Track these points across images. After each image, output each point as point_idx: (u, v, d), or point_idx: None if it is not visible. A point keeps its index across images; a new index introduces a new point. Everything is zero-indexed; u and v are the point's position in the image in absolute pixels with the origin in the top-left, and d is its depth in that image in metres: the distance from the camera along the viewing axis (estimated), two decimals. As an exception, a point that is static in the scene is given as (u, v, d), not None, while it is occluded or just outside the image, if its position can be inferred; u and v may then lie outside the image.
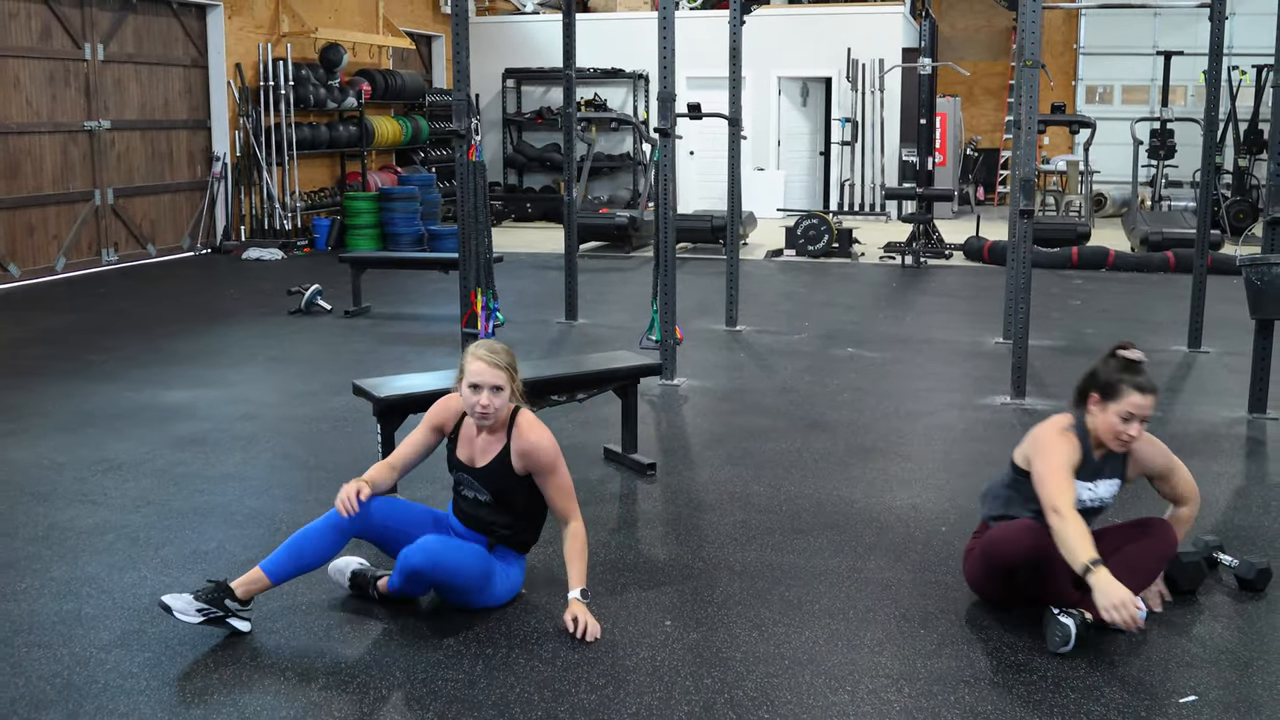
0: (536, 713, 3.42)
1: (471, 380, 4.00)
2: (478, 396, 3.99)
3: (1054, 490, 3.89)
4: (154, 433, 6.38)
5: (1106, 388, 4.01)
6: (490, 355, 4.01)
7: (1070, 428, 4.06)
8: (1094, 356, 4.24)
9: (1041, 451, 4.02)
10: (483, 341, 4.14)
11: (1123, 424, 3.96)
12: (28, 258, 11.73)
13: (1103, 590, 3.64)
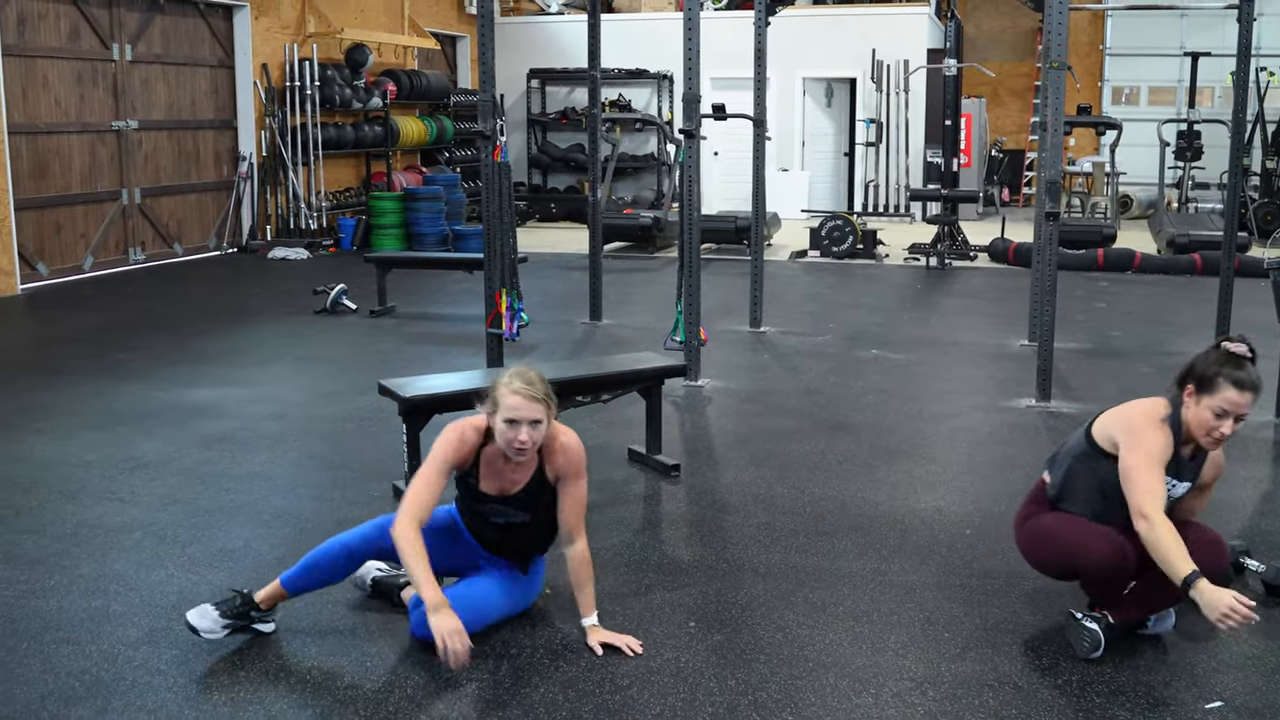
0: (561, 713, 3.43)
1: (509, 416, 3.71)
2: (515, 433, 3.71)
3: (1144, 492, 3.66)
4: (181, 431, 6.42)
5: (1203, 380, 3.73)
6: (528, 388, 3.72)
7: (1166, 418, 3.79)
8: (1120, 359, 4.19)
9: (1135, 441, 3.74)
10: (515, 371, 3.81)
11: (1215, 420, 3.70)
12: (55, 256, 11.82)
13: (1210, 603, 3.47)
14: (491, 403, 3.77)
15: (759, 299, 9.33)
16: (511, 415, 3.70)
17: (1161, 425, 3.77)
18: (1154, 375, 7.87)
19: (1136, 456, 3.71)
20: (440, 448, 3.84)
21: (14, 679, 3.66)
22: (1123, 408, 3.91)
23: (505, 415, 3.71)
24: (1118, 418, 3.87)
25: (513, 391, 3.70)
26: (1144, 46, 20.85)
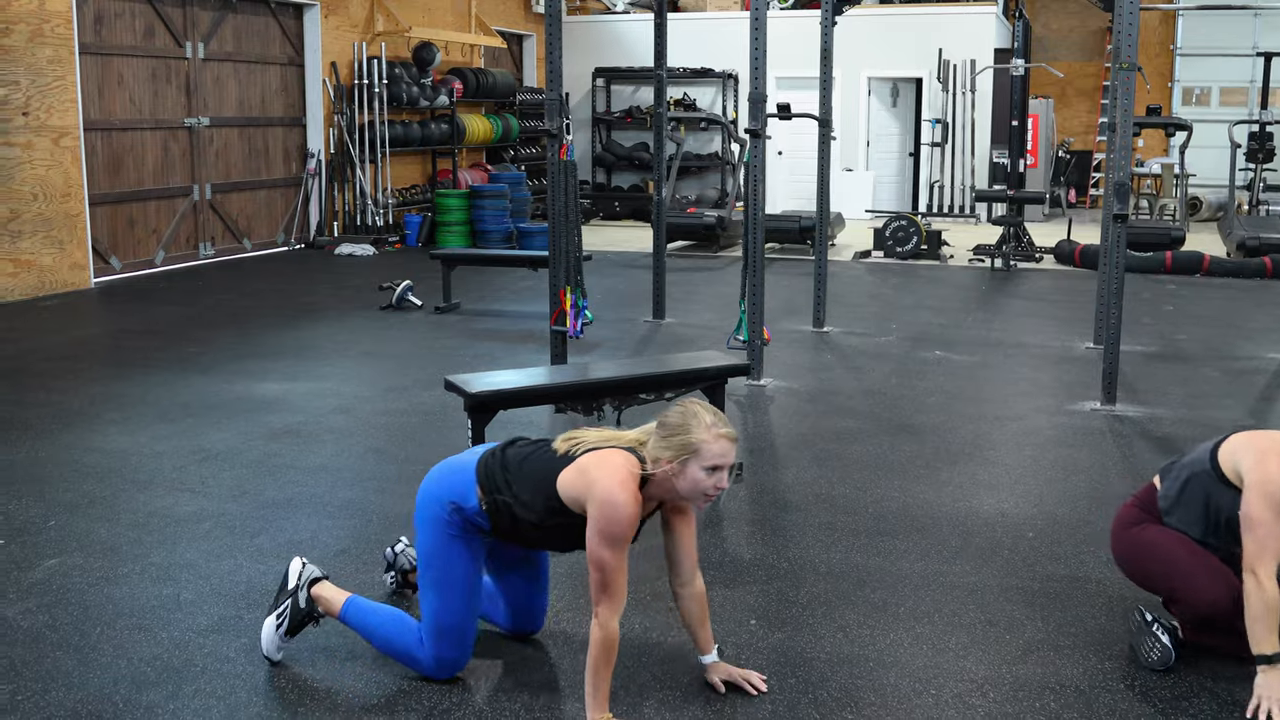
0: (621, 707, 3.46)
1: (716, 463, 3.32)
2: (715, 479, 3.34)
3: (1260, 549, 3.45)
4: (249, 424, 6.53)
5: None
6: (730, 430, 3.37)
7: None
8: (1187, 363, 4.14)
9: (1263, 489, 3.47)
10: (703, 407, 3.40)
11: None
12: (128, 250, 12.03)
13: (1268, 685, 3.43)
14: (681, 449, 3.31)
15: (822, 299, 9.32)
16: (719, 462, 3.32)
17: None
18: (1222, 380, 7.79)
19: (1263, 510, 3.46)
20: (622, 526, 3.28)
21: (88, 664, 3.75)
22: (1257, 439, 3.65)
23: (710, 462, 3.30)
24: (1249, 452, 3.59)
25: (719, 436, 3.32)
26: (1216, 46, 20.57)
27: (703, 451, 3.30)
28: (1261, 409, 7.11)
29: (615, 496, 3.28)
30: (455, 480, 3.61)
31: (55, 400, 7.02)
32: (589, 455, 3.45)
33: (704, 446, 3.30)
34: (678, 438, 3.32)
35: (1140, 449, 6.21)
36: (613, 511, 3.28)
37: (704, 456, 3.30)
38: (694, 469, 3.31)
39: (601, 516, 3.29)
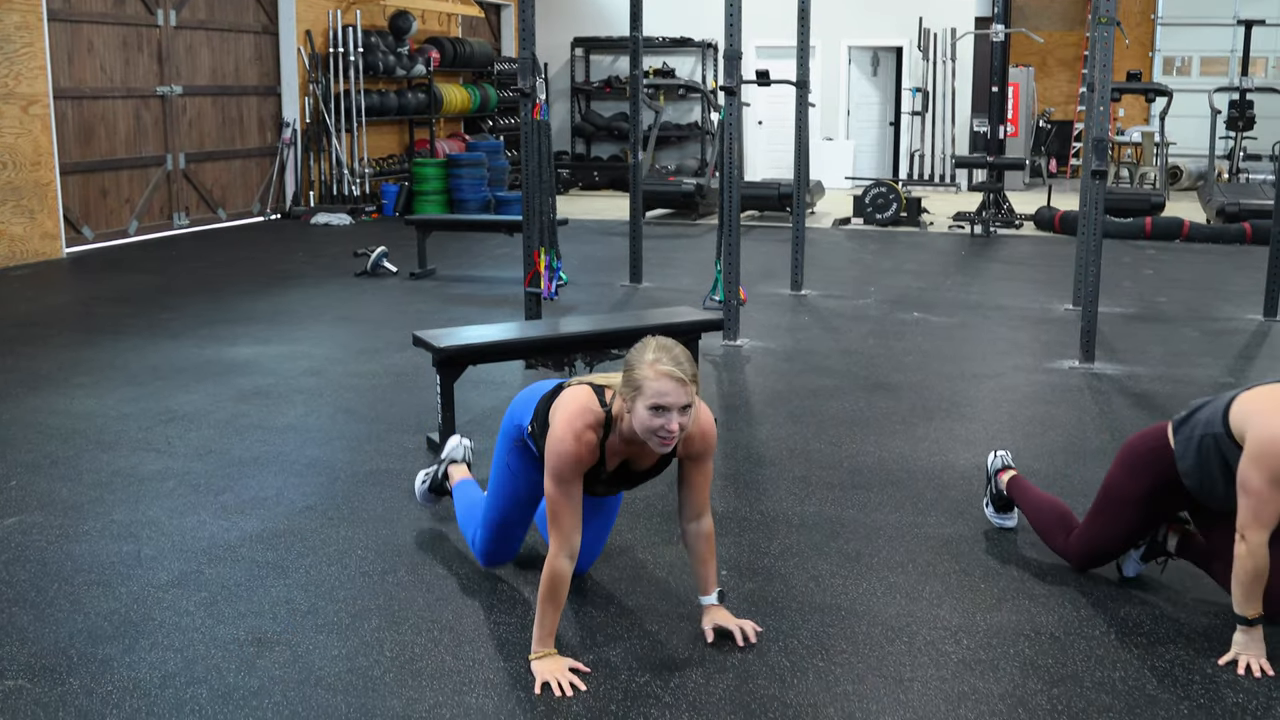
0: (588, 657, 3.39)
1: (657, 401, 3.14)
2: (664, 420, 3.16)
3: (1253, 516, 3.36)
4: (218, 386, 6.43)
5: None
6: (676, 367, 3.15)
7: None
8: (1166, 324, 4.04)
9: (1263, 460, 3.34)
10: (658, 344, 3.21)
11: None
12: (100, 220, 11.88)
13: (1246, 645, 3.41)
14: (629, 386, 3.19)
15: (800, 262, 9.24)
16: (660, 401, 3.14)
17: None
18: (1200, 339, 7.75)
19: (1258, 478, 3.34)
20: (563, 464, 3.26)
21: (44, 619, 3.66)
22: (1264, 397, 3.47)
23: (652, 401, 3.14)
24: (1255, 414, 3.43)
25: (660, 372, 3.13)
26: (1196, 16, 20.48)
27: (644, 388, 3.16)
28: (1239, 367, 7.07)
29: (557, 434, 3.30)
30: (528, 402, 3.68)
31: (23, 366, 6.91)
32: (564, 394, 3.43)
33: (645, 383, 3.15)
34: (625, 376, 3.24)
35: (1118, 405, 6.16)
36: (556, 447, 3.28)
37: (645, 394, 3.16)
38: (640, 408, 3.18)
39: (549, 453, 3.30)
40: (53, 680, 3.28)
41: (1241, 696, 3.23)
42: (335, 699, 3.17)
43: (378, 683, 3.26)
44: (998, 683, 3.29)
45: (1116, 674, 3.35)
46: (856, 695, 3.21)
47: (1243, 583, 3.40)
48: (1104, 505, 3.90)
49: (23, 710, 3.12)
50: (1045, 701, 3.19)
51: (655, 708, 3.13)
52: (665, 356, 3.17)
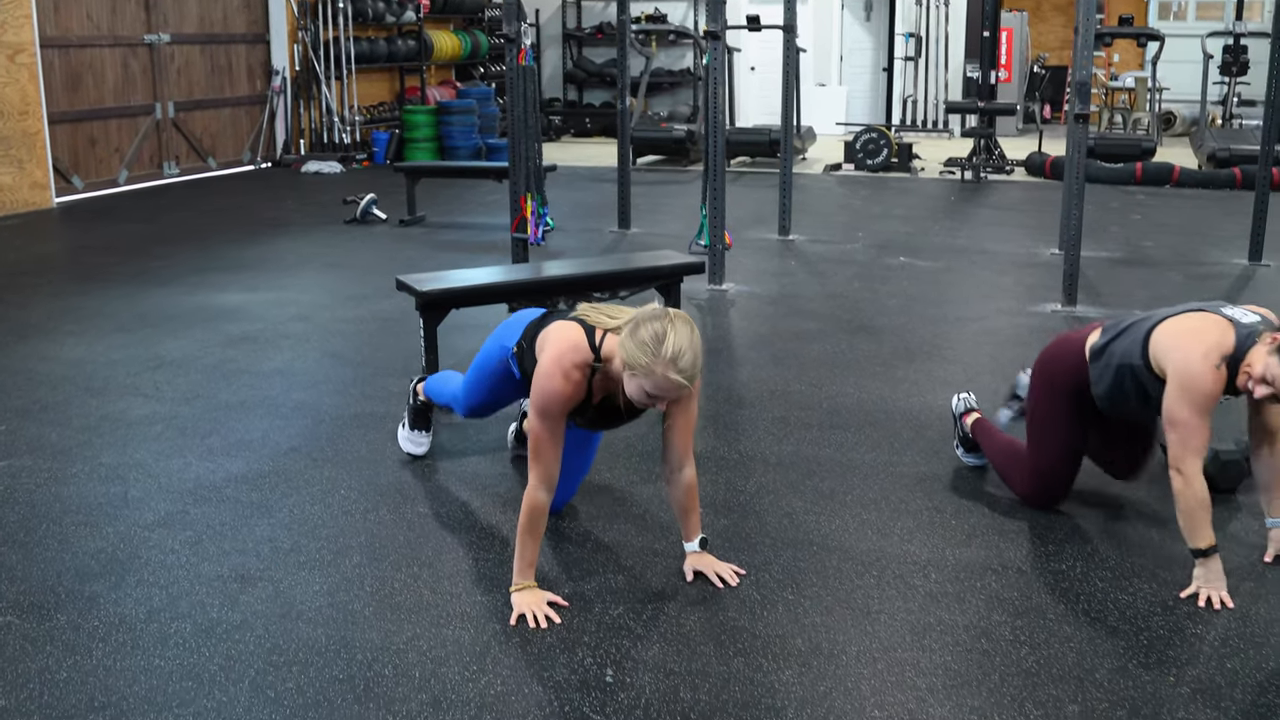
0: (564, 590, 3.47)
1: (655, 393, 3.25)
2: (654, 402, 3.31)
3: (1184, 448, 3.44)
4: (207, 332, 6.48)
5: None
6: (685, 375, 3.21)
7: (1225, 359, 3.45)
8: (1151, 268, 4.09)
9: (1185, 391, 3.44)
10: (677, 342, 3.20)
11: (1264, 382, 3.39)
12: (90, 170, 11.88)
13: (1206, 577, 3.48)
14: (638, 366, 3.22)
15: (787, 206, 9.27)
16: (660, 394, 3.26)
17: (1216, 371, 3.44)
18: (1184, 283, 7.80)
19: (1183, 409, 3.44)
20: (550, 402, 3.35)
21: (33, 558, 3.74)
22: (1183, 332, 3.57)
23: (651, 389, 3.23)
24: (1174, 350, 3.53)
25: (670, 377, 3.19)
26: (1192, -42, 20.37)
27: (651, 378, 3.20)
28: (1221, 309, 7.11)
29: (546, 369, 3.37)
30: (514, 327, 3.84)
31: (12, 314, 6.96)
32: (553, 327, 3.51)
33: (653, 376, 3.20)
34: (638, 353, 3.20)
35: (1098, 347, 6.22)
36: (544, 384, 3.35)
37: (649, 383, 3.22)
38: (636, 384, 3.25)
39: (536, 389, 3.37)
40: (41, 616, 3.36)
41: (1200, 628, 3.31)
42: (315, 632, 3.24)
43: (357, 616, 3.33)
44: (963, 614, 3.37)
45: (1080, 606, 3.43)
46: (824, 626, 3.29)
47: (1187, 514, 3.48)
48: (1034, 433, 4.06)
49: (11, 644, 3.20)
50: (1008, 632, 3.27)
51: (628, 639, 3.21)
52: (683, 359, 3.19)
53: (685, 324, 3.26)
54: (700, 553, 3.60)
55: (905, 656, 3.13)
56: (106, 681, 3.01)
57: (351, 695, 2.93)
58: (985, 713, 2.88)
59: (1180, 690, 2.99)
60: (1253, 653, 3.18)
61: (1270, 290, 7.64)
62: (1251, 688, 3.00)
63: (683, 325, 3.24)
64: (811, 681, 3.01)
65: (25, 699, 2.93)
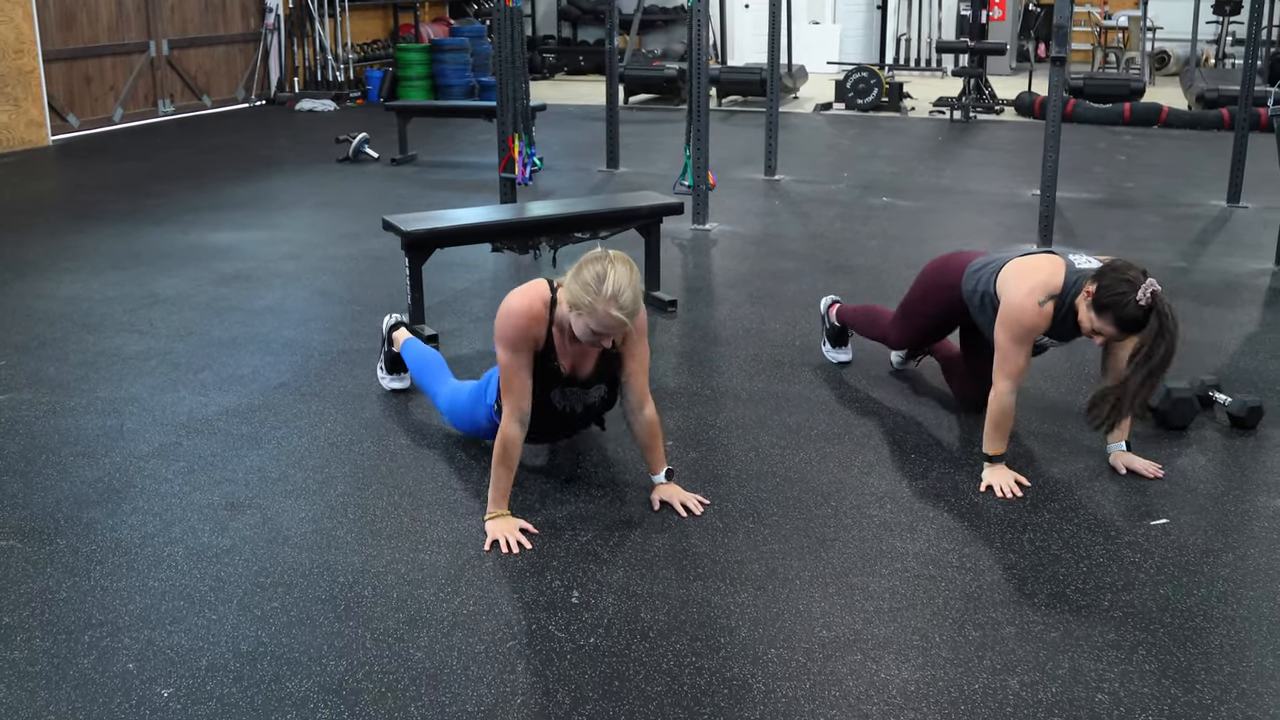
0: (536, 518, 3.65)
1: (598, 329, 3.41)
2: (597, 338, 3.47)
3: (1000, 365, 3.95)
4: (200, 270, 6.64)
5: (1101, 301, 3.70)
6: (624, 312, 3.38)
7: (1052, 297, 3.86)
8: (1130, 209, 4.25)
9: (1011, 324, 3.91)
10: (616, 279, 3.37)
11: (1092, 333, 3.79)
12: (85, 108, 11.97)
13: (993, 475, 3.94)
14: (579, 303, 3.38)
15: (774, 147, 9.40)
16: (602, 330, 3.41)
17: (1039, 307, 3.88)
18: (1160, 224, 7.94)
19: (1003, 336, 3.95)
20: (512, 329, 3.54)
21: (33, 486, 3.92)
22: (1021, 269, 4.02)
23: (595, 328, 3.40)
24: (1009, 281, 4.01)
25: (609, 313, 3.35)
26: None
27: (594, 316, 3.37)
28: (1193, 251, 7.27)
29: (509, 303, 3.59)
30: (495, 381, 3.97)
31: (9, 252, 7.11)
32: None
33: (595, 313, 3.36)
34: (579, 291, 3.39)
35: (1069, 287, 6.38)
36: (502, 311, 3.58)
37: (592, 320, 3.38)
38: (582, 323, 3.42)
39: (499, 323, 3.58)
40: (41, 541, 3.54)
41: (1138, 557, 3.49)
42: (300, 555, 3.44)
43: (340, 541, 3.52)
44: (913, 543, 3.56)
45: (1026, 536, 3.62)
46: (781, 553, 3.48)
47: (994, 423, 3.95)
48: (901, 315, 4.69)
49: (14, 567, 3.39)
50: (955, 560, 3.46)
51: (594, 563, 3.40)
52: (623, 295, 3.37)
53: (625, 264, 3.45)
54: (666, 483, 3.78)
55: (855, 581, 3.33)
56: (103, 601, 3.20)
57: (333, 614, 3.13)
58: (926, 633, 3.08)
59: (1113, 614, 3.18)
60: (1185, 580, 3.36)
61: (1245, 231, 7.79)
62: (1180, 612, 3.19)
63: (622, 265, 3.43)
64: (765, 604, 3.20)
65: (28, 616, 3.12)
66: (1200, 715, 2.75)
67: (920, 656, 2.97)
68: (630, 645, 2.99)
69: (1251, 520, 3.74)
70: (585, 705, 2.76)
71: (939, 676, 2.89)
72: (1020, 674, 2.90)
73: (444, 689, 2.81)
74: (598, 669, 2.89)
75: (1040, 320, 3.90)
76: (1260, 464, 4.19)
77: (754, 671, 2.89)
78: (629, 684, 2.84)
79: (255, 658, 2.94)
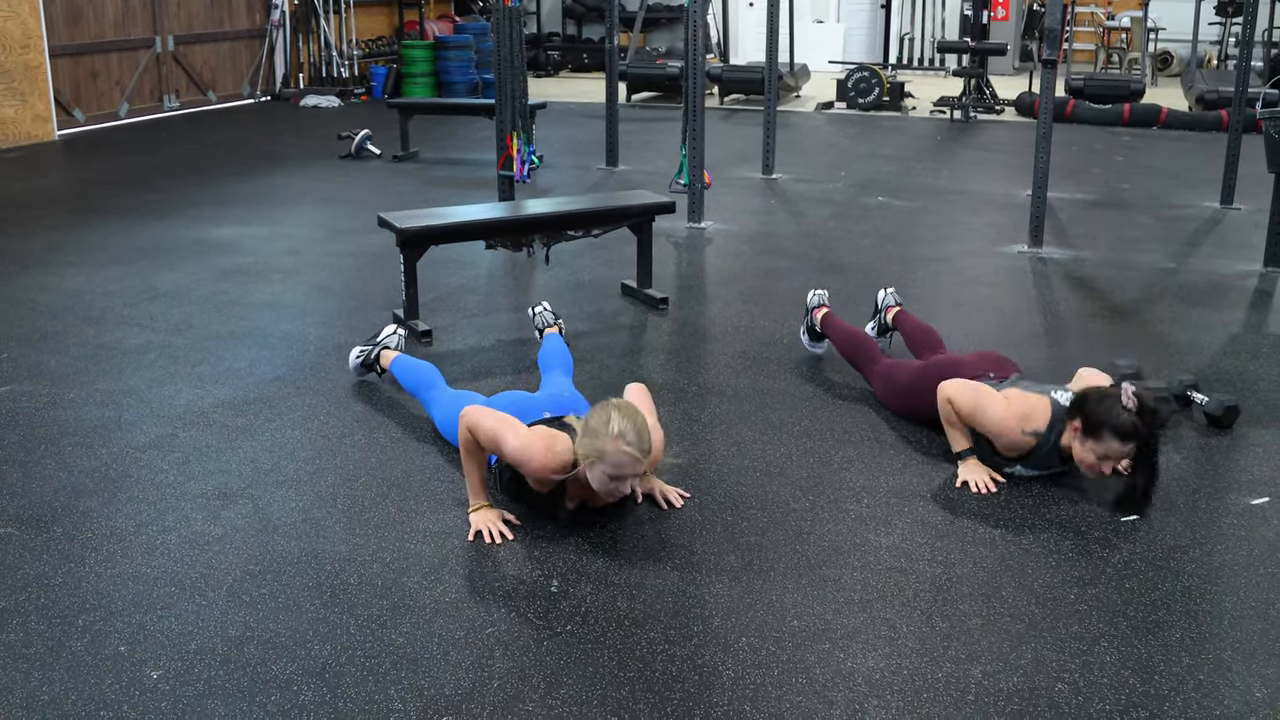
0: (519, 509, 3.74)
1: (614, 473, 3.42)
2: (618, 484, 3.45)
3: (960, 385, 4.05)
4: (201, 265, 6.74)
5: (1090, 425, 3.77)
6: (637, 447, 3.40)
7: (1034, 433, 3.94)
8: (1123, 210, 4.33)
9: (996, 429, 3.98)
10: (622, 419, 3.43)
11: (1098, 460, 3.79)
12: (91, 103, 12.08)
13: (967, 470, 4.03)
14: (591, 452, 3.43)
15: (771, 146, 9.48)
16: (618, 473, 3.42)
17: (1023, 437, 3.95)
18: (1153, 226, 8.01)
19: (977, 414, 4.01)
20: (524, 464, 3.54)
21: (32, 476, 4.02)
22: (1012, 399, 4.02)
23: (611, 472, 3.42)
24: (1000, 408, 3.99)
25: (622, 450, 3.38)
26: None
27: (605, 459, 3.39)
28: (1183, 253, 7.34)
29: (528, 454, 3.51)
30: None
31: (14, 245, 7.21)
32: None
33: (608, 456, 3.38)
34: (589, 441, 3.43)
35: (1057, 287, 6.47)
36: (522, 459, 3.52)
37: (606, 464, 3.40)
38: (598, 472, 3.43)
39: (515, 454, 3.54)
40: (39, 528, 3.64)
41: (1106, 552, 3.58)
42: (289, 544, 3.53)
43: (328, 531, 3.62)
44: (887, 536, 3.65)
45: (997, 531, 3.71)
46: (757, 546, 3.57)
47: (946, 424, 4.11)
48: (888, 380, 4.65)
49: (12, 553, 3.49)
50: (927, 553, 3.55)
51: (574, 553, 3.50)
52: (629, 434, 3.39)
53: (629, 408, 3.49)
54: (648, 476, 3.87)
55: (828, 573, 3.42)
56: (98, 586, 3.30)
57: (319, 600, 3.23)
58: (894, 623, 3.17)
59: (1078, 607, 3.27)
60: (1151, 574, 3.45)
61: (1235, 232, 7.87)
62: (1145, 605, 3.28)
63: (626, 409, 3.47)
64: (739, 594, 3.29)
65: (24, 600, 3.22)
66: (1156, 705, 2.84)
67: (887, 646, 3.06)
68: (605, 633, 3.09)
69: (1221, 517, 3.83)
70: (559, 690, 2.85)
71: (904, 665, 2.98)
72: (984, 664, 2.99)
73: (423, 673, 2.91)
74: (573, 655, 2.99)
75: (1019, 443, 3.97)
76: (1234, 463, 4.27)
77: (724, 659, 2.98)
78: (602, 670, 2.93)
79: (243, 642, 3.03)
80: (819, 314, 5.17)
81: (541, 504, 3.66)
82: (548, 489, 3.59)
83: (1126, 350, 5.28)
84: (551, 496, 3.62)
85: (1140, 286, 6.49)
